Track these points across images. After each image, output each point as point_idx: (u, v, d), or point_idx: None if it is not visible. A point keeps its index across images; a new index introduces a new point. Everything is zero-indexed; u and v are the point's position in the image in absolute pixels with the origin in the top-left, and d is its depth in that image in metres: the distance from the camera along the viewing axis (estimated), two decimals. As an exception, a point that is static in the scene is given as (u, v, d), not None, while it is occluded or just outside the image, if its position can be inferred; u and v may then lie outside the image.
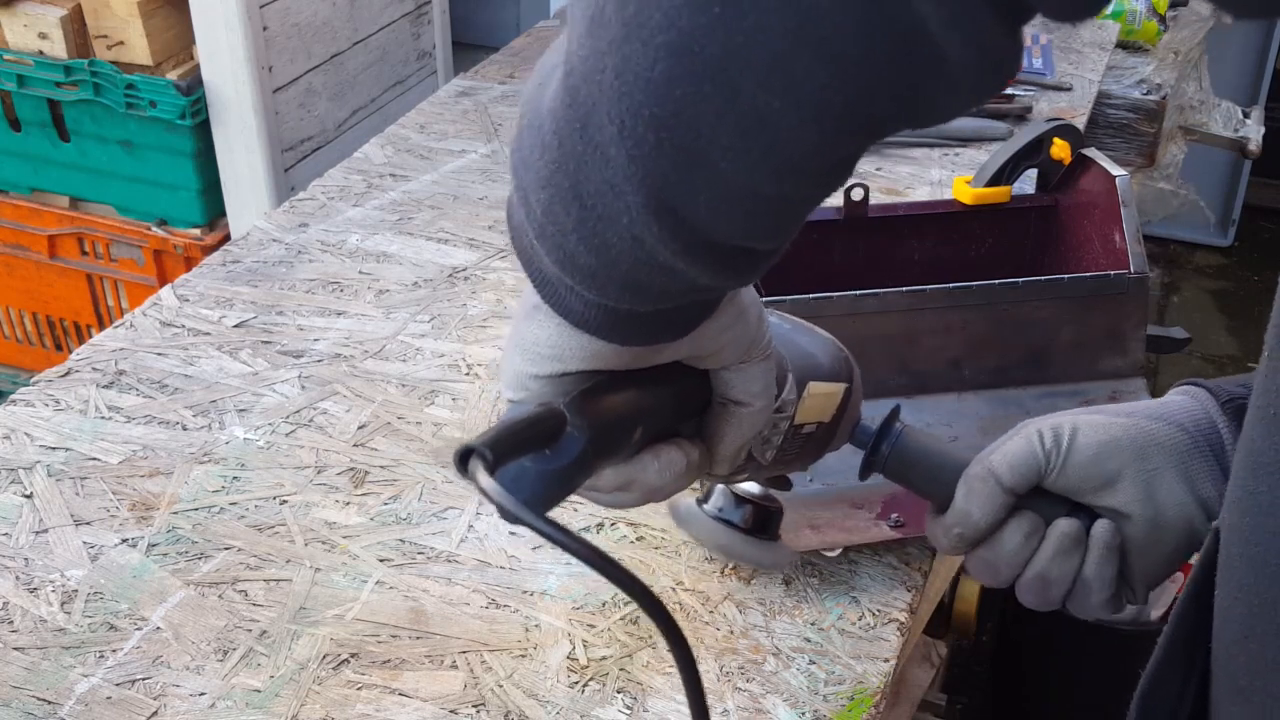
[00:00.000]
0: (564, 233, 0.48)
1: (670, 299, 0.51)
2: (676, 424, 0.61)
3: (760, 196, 0.44)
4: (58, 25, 1.99)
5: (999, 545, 0.68)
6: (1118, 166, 1.09)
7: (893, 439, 0.72)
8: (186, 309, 1.24)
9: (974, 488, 0.67)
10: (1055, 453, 0.67)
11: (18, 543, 0.94)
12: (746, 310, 0.58)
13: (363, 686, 0.83)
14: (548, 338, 0.54)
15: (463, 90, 1.80)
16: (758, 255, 0.49)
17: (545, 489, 0.53)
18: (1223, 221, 3.74)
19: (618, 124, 0.43)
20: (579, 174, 0.46)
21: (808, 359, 0.68)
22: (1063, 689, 2.04)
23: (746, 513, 0.71)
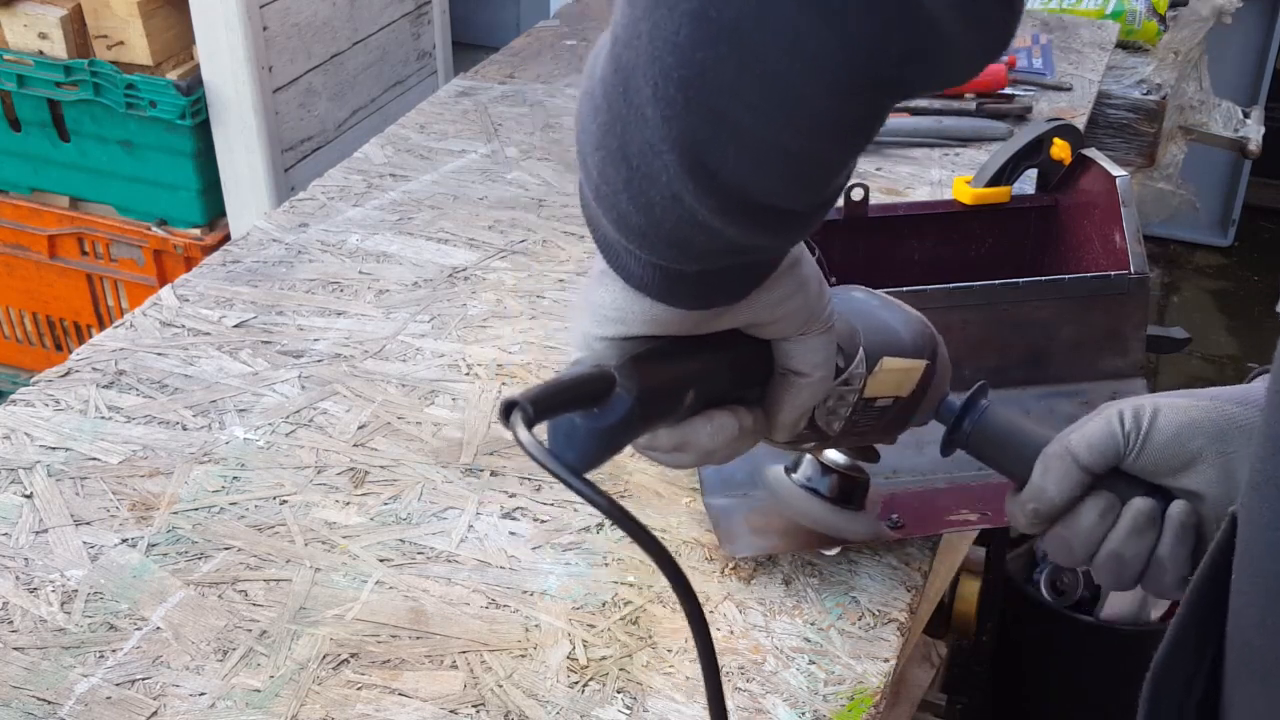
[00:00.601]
0: (616, 192, 0.51)
1: (714, 258, 0.53)
2: (736, 390, 0.63)
3: (785, 154, 0.47)
4: (58, 25, 1.99)
5: (1075, 523, 0.68)
6: (1118, 167, 1.09)
7: (976, 416, 0.72)
8: (186, 309, 1.24)
9: (1051, 465, 0.68)
10: (1135, 434, 0.67)
11: (18, 543, 0.94)
12: (807, 282, 0.61)
13: (363, 686, 0.83)
14: (612, 301, 0.57)
15: (463, 90, 1.80)
16: (791, 215, 0.51)
17: (593, 445, 0.55)
18: (1223, 221, 3.74)
19: (652, 86, 0.46)
20: (624, 135, 0.49)
21: (888, 334, 0.69)
22: (1063, 689, 2.04)
23: (832, 482, 0.73)
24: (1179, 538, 0.67)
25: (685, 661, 0.86)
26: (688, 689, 0.83)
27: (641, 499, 1.00)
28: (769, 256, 0.58)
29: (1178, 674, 0.60)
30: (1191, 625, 0.59)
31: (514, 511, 0.99)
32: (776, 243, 0.55)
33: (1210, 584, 0.58)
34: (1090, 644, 1.94)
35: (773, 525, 0.95)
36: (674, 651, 0.86)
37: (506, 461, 1.04)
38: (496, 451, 1.05)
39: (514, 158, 1.59)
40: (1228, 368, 3.21)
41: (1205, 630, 0.58)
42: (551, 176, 1.54)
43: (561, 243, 1.39)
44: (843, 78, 0.44)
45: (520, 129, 1.67)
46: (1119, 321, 1.06)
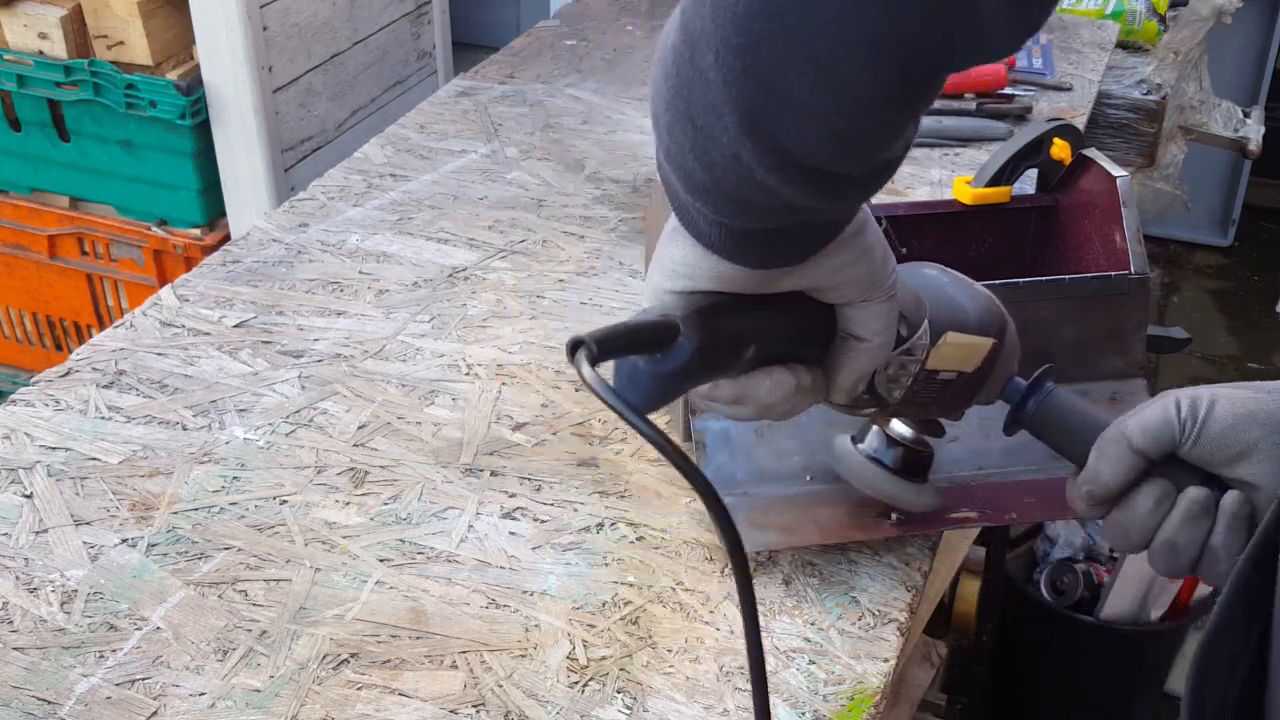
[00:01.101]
0: (683, 151, 0.54)
1: (773, 217, 0.56)
2: (797, 350, 0.65)
3: (832, 123, 0.50)
4: (58, 25, 1.99)
5: (1130, 509, 0.69)
6: (1118, 167, 1.09)
7: (1040, 397, 0.74)
8: (186, 309, 1.24)
9: (1106, 449, 0.69)
10: (1191, 422, 0.67)
11: (18, 543, 0.94)
12: (871, 250, 0.63)
13: (363, 686, 0.83)
14: (682, 256, 0.60)
15: (463, 90, 1.80)
16: (844, 180, 0.54)
17: (654, 388, 0.58)
18: (1223, 221, 3.74)
19: (714, 52, 0.49)
20: (691, 97, 0.52)
21: (954, 310, 0.71)
22: (1063, 689, 2.04)
23: (896, 454, 0.75)
24: (1232, 527, 0.67)
25: (685, 661, 0.86)
26: (688, 689, 0.83)
27: (641, 499, 1.00)
28: (828, 219, 0.60)
29: (1224, 653, 0.60)
30: (1239, 605, 0.60)
31: (514, 511, 0.99)
32: (831, 205, 0.57)
33: (1258, 564, 0.59)
34: (1090, 644, 1.94)
35: (772, 522, 0.95)
36: (674, 651, 0.86)
37: (506, 461, 1.04)
38: (496, 451, 1.05)
39: (514, 158, 1.59)
40: (1228, 368, 3.20)
41: (1252, 609, 0.59)
42: (551, 176, 1.54)
43: (561, 243, 1.39)
44: (884, 52, 0.47)
45: (520, 129, 1.67)
46: (1119, 321, 1.06)
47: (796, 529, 0.94)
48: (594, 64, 1.91)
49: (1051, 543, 2.07)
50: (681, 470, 0.54)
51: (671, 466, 0.54)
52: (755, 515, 0.96)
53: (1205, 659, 0.61)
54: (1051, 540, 2.07)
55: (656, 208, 1.06)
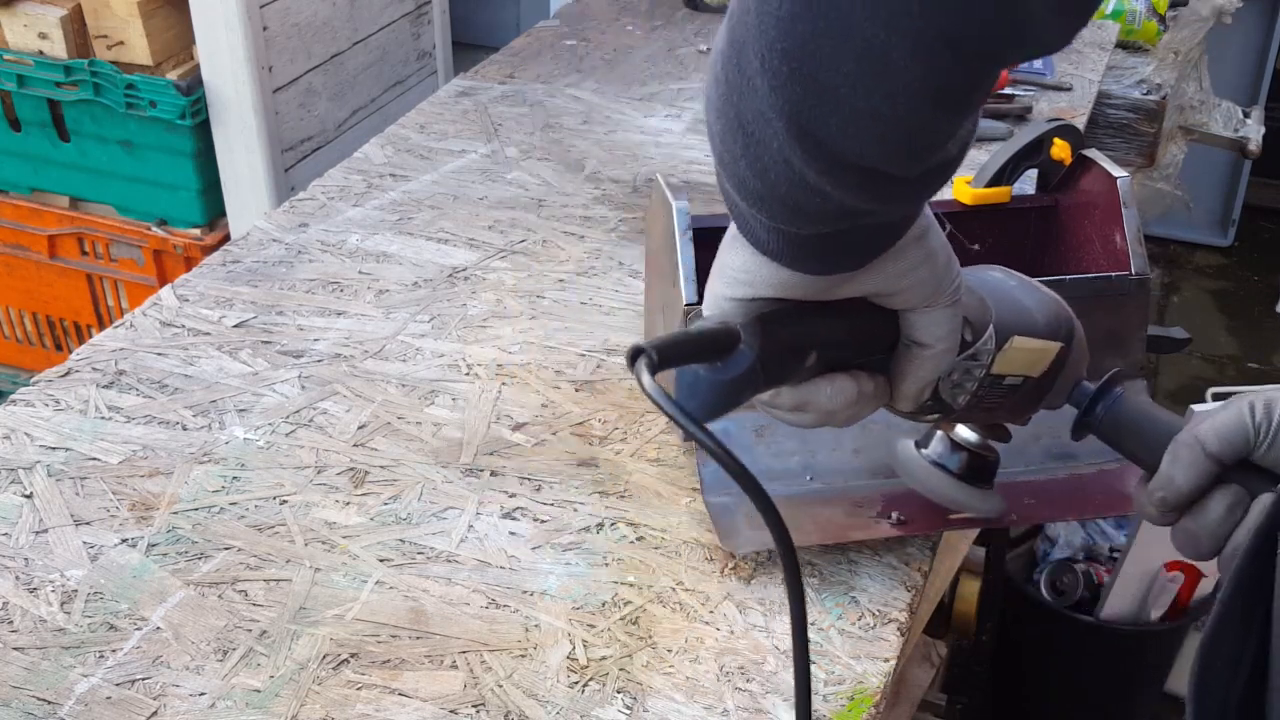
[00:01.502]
0: (735, 159, 0.54)
1: (828, 222, 0.55)
2: (860, 357, 0.65)
3: (882, 122, 0.49)
4: (58, 25, 1.99)
5: (1202, 516, 0.68)
6: (1118, 167, 1.09)
7: (1109, 402, 0.73)
8: (186, 309, 1.24)
9: (1179, 454, 0.68)
10: (1266, 425, 0.66)
11: (18, 543, 0.94)
12: (934, 255, 0.62)
13: (363, 686, 0.83)
14: (742, 264, 0.60)
15: (463, 90, 1.80)
16: (896, 181, 0.53)
17: (714, 397, 0.58)
18: (1223, 221, 3.74)
19: (760, 58, 0.49)
20: (739, 104, 0.52)
21: (1021, 314, 0.70)
22: (1063, 689, 2.04)
23: (961, 459, 0.74)
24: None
25: (685, 661, 0.86)
26: (688, 689, 0.83)
27: (641, 499, 1.00)
28: (887, 223, 0.59)
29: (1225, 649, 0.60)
30: (1238, 600, 0.59)
31: (514, 511, 0.99)
32: (886, 207, 0.56)
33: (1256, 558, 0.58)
34: (1090, 644, 1.94)
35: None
36: (674, 651, 0.86)
37: (506, 461, 1.04)
38: (496, 451, 1.05)
39: (514, 158, 1.59)
40: (1228, 368, 3.20)
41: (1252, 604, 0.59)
42: (551, 176, 1.54)
43: (561, 243, 1.39)
44: (932, 47, 0.46)
45: (520, 129, 1.67)
46: (1119, 322, 1.06)
47: (796, 529, 0.94)
48: (594, 64, 1.91)
49: (1051, 543, 2.07)
50: (741, 483, 0.54)
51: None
52: (755, 515, 0.95)
53: (1207, 656, 0.61)
54: (1051, 540, 2.08)
55: (656, 208, 1.06)
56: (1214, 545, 0.68)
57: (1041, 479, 1.00)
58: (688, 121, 1.72)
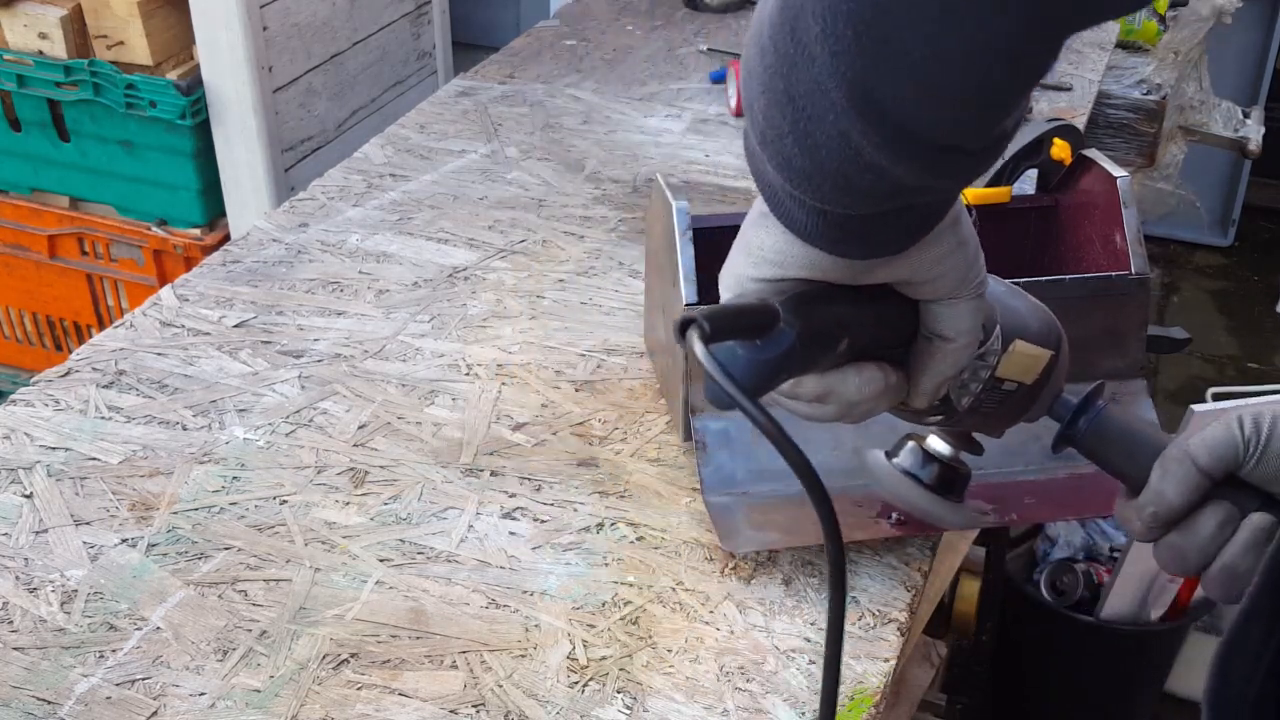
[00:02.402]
0: (781, 136, 0.52)
1: (879, 201, 0.54)
2: (882, 348, 0.63)
3: (956, 85, 0.47)
4: (58, 25, 1.99)
5: (1192, 532, 0.67)
6: (1118, 167, 1.09)
7: (1092, 415, 0.72)
8: (186, 309, 1.24)
9: (1170, 469, 0.67)
10: (1255, 441, 0.66)
11: (18, 543, 0.94)
12: (966, 242, 0.61)
13: (363, 686, 0.83)
14: (772, 244, 0.58)
15: (463, 90, 1.80)
16: (958, 154, 0.51)
17: (752, 375, 0.56)
18: (1223, 221, 3.74)
19: (821, 23, 0.46)
20: (790, 75, 0.49)
21: (1018, 319, 0.69)
22: (1063, 689, 2.04)
23: (934, 471, 0.74)
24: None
25: (685, 661, 0.86)
26: (688, 689, 0.83)
27: (641, 499, 1.00)
28: (932, 205, 0.58)
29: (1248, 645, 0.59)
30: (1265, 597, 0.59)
31: (514, 511, 0.99)
32: (942, 184, 0.55)
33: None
34: (1090, 644, 1.94)
35: (772, 521, 0.95)
36: (674, 651, 0.86)
37: (506, 461, 1.04)
38: (496, 451, 1.05)
39: (514, 158, 1.59)
40: (1228, 368, 3.20)
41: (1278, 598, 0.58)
42: (551, 176, 1.54)
43: (561, 243, 1.39)
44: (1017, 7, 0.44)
45: (520, 129, 1.67)
46: (1119, 322, 1.06)
47: (796, 529, 0.94)
48: (594, 64, 1.91)
49: (1051, 543, 2.07)
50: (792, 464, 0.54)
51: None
52: (755, 515, 0.96)
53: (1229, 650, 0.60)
54: (1051, 540, 2.07)
55: (656, 207, 1.06)
56: (1202, 561, 0.68)
57: (1041, 479, 1.00)
58: (688, 121, 1.72)
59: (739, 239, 0.60)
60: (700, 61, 1.94)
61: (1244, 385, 2.71)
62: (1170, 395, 3.01)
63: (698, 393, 1.00)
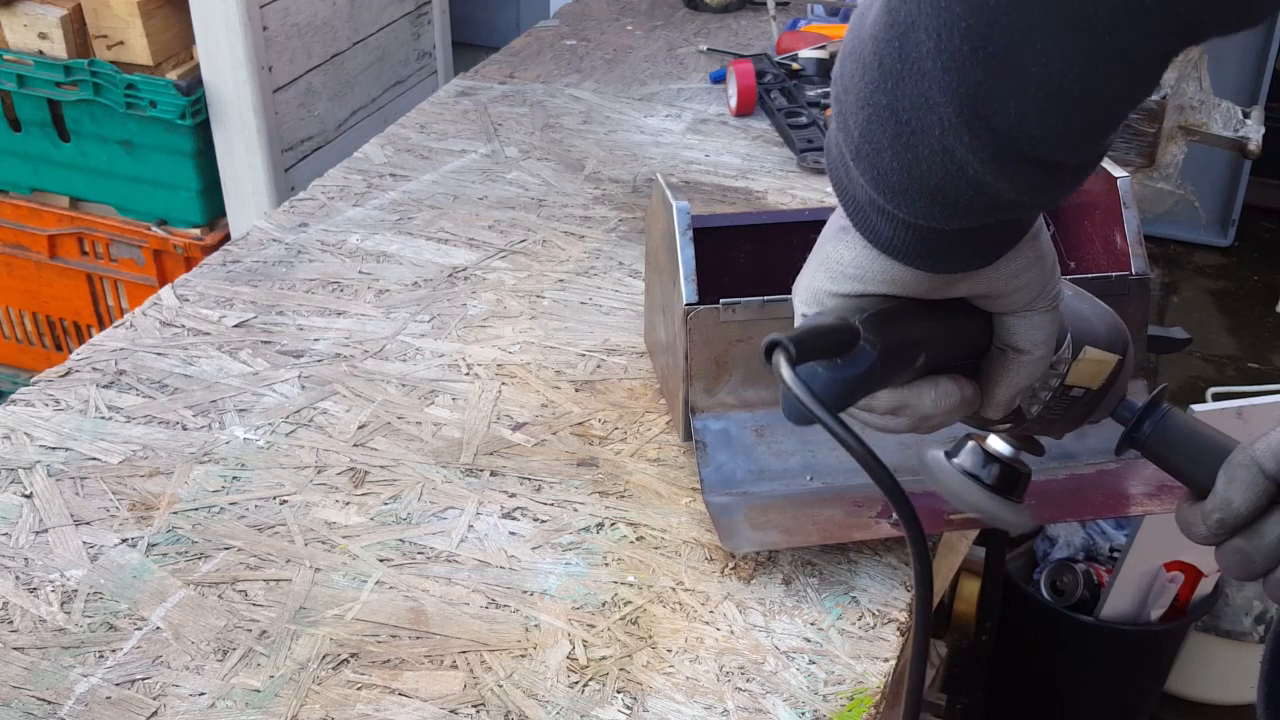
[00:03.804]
0: (879, 151, 0.52)
1: (976, 216, 0.54)
2: (958, 361, 0.64)
3: (1070, 99, 0.47)
4: (58, 25, 1.99)
5: (1259, 536, 0.67)
6: (1119, 168, 1.09)
7: (1157, 418, 0.71)
8: (186, 309, 1.24)
9: (1236, 475, 0.66)
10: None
11: (18, 543, 0.94)
12: (1045, 255, 0.61)
13: (363, 686, 0.83)
14: (853, 259, 0.58)
15: (463, 90, 1.80)
16: (1061, 170, 0.51)
17: (834, 394, 0.57)
18: (1223, 221, 3.74)
19: (935, 38, 0.47)
20: (896, 90, 0.49)
21: (1085, 323, 0.69)
22: (1063, 689, 2.04)
23: (994, 471, 0.73)
24: None
25: (685, 661, 0.86)
26: (688, 689, 0.83)
27: (641, 499, 1.00)
28: (1027, 217, 0.58)
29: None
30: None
31: (514, 511, 0.99)
32: (1041, 200, 0.55)
33: None
34: (1090, 644, 1.94)
35: (772, 521, 0.95)
36: (674, 651, 0.86)
37: (506, 461, 1.04)
38: (496, 451, 1.05)
39: (514, 158, 1.59)
40: (1228, 368, 3.20)
41: None
42: (551, 176, 1.54)
43: (561, 243, 1.39)
44: (1146, 18, 0.44)
45: (520, 129, 1.67)
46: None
47: (796, 529, 0.94)
48: (594, 64, 1.91)
49: (1051, 543, 2.07)
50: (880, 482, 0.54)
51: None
52: (755, 515, 0.96)
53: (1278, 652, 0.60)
54: (1051, 540, 2.07)
55: (656, 207, 1.06)
56: (1267, 566, 0.67)
57: (1042, 479, 1.00)
58: (688, 121, 1.72)
59: (816, 253, 0.60)
60: (700, 61, 1.94)
61: (1244, 385, 2.70)
62: (1170, 395, 3.00)
63: (698, 393, 1.00)
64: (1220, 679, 2.09)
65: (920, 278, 0.58)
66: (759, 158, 1.60)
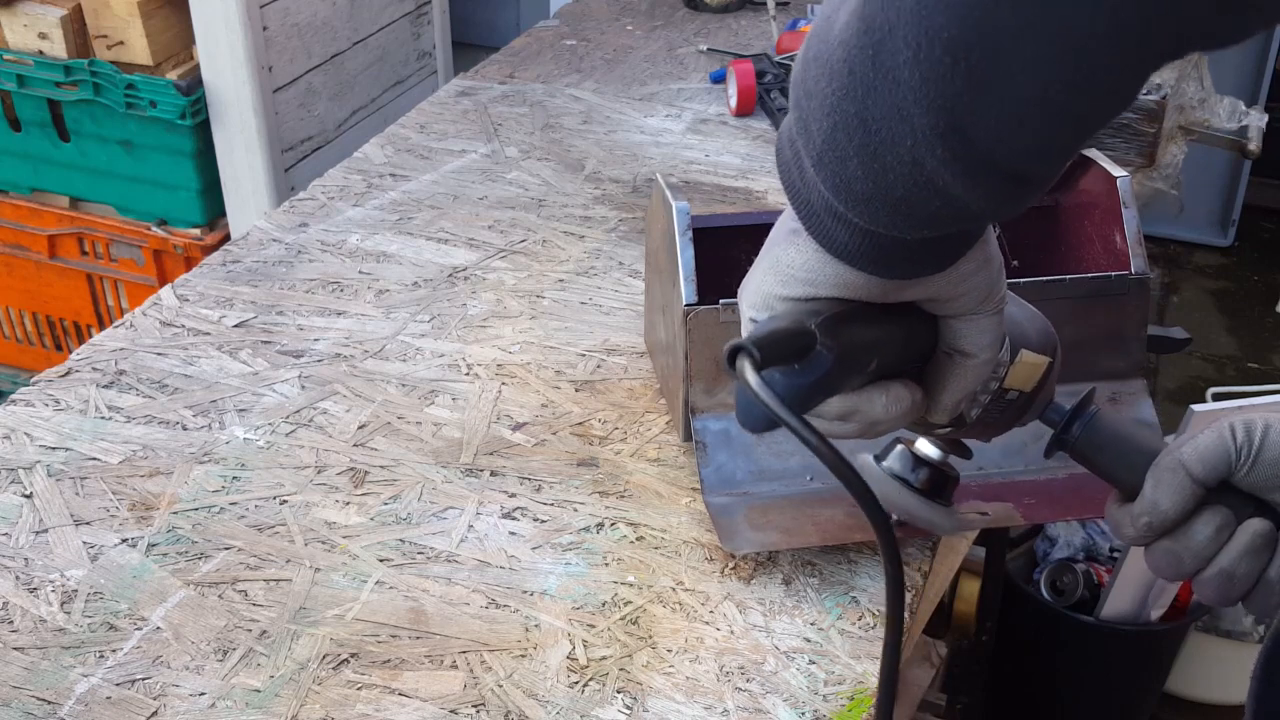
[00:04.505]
0: (844, 159, 0.51)
1: (939, 226, 0.53)
2: (906, 365, 0.64)
3: (1052, 111, 0.46)
4: (58, 25, 1.99)
5: (1188, 537, 0.68)
6: (1118, 167, 1.09)
7: (1085, 420, 0.72)
8: (186, 309, 1.24)
9: (1163, 478, 0.67)
10: (1246, 448, 0.66)
11: (18, 543, 0.94)
12: (992, 259, 0.61)
13: (363, 686, 0.83)
14: (804, 262, 0.57)
15: (463, 90, 1.80)
16: (1031, 183, 0.51)
17: (792, 400, 0.56)
18: (1223, 221, 3.74)
19: (913, 48, 0.45)
20: (867, 99, 0.48)
21: (1018, 326, 0.70)
22: (1063, 689, 2.04)
23: (923, 475, 0.74)
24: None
25: (685, 661, 0.86)
26: (688, 689, 0.83)
27: (641, 499, 1.00)
28: (985, 226, 0.58)
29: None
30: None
31: (514, 511, 0.99)
32: (1007, 211, 0.54)
33: None
34: (1090, 644, 1.94)
35: (772, 522, 0.95)
36: (674, 651, 0.86)
37: (506, 461, 1.04)
38: (496, 451, 1.05)
39: (514, 158, 1.59)
40: (1228, 368, 3.20)
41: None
42: (551, 176, 1.54)
43: (561, 243, 1.39)
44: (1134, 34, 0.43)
45: (520, 129, 1.67)
46: (1119, 322, 1.06)
47: (796, 529, 0.94)
48: (594, 64, 1.91)
49: (1051, 543, 2.07)
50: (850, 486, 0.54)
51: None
52: (755, 515, 0.96)
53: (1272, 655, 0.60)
54: (1051, 540, 2.07)
55: (656, 207, 1.06)
56: (1196, 566, 0.68)
57: (1042, 479, 1.00)
58: (688, 121, 1.72)
59: (764, 256, 0.59)
60: (700, 61, 1.94)
61: (1244, 385, 2.70)
62: (1170, 395, 3.00)
63: (698, 393, 1.00)
64: (1220, 679, 2.09)
65: (873, 282, 0.58)
66: (759, 158, 1.60)
